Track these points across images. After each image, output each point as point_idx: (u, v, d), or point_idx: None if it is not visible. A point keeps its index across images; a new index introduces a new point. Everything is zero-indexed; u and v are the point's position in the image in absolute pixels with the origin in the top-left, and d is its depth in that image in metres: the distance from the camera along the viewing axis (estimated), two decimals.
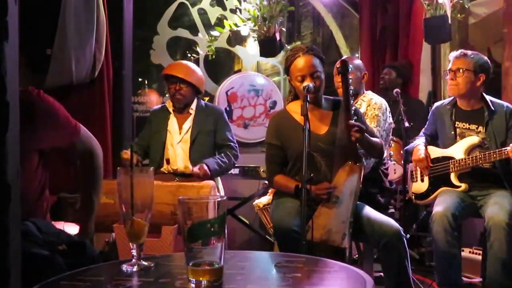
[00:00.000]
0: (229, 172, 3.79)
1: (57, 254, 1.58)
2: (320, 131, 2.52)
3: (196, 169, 3.14)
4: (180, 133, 3.36)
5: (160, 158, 3.33)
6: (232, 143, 3.39)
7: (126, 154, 3.09)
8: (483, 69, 2.92)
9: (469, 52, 2.98)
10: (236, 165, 3.50)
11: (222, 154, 3.31)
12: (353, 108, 2.44)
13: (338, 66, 2.48)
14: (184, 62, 3.56)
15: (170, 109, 3.43)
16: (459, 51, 3.02)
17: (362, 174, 2.43)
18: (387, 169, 3.37)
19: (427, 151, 3.07)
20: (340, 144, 2.44)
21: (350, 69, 2.44)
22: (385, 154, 3.27)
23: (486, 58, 2.99)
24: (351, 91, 2.43)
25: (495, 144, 2.84)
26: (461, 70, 2.90)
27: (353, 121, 2.34)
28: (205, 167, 3.14)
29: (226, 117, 3.52)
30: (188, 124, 3.37)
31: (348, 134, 2.33)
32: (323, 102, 2.59)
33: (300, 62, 2.46)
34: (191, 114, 3.39)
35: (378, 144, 2.56)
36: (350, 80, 2.43)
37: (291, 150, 2.53)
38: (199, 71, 3.46)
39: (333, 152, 2.46)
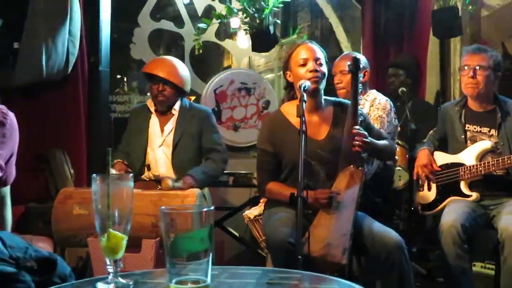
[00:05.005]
0: (217, 179, 3.78)
1: (24, 271, 1.57)
2: (318, 137, 2.53)
3: (178, 184, 3.10)
4: (161, 136, 3.35)
5: (141, 164, 3.31)
6: (219, 147, 3.39)
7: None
8: (500, 67, 2.95)
9: (485, 47, 3.00)
10: (225, 170, 3.49)
11: (209, 161, 3.31)
12: (359, 110, 2.46)
13: (349, 64, 2.50)
14: (168, 58, 3.54)
15: (152, 109, 3.42)
16: (476, 45, 3.04)
17: (364, 180, 2.44)
18: (393, 176, 3.38)
19: (433, 156, 3.09)
20: (345, 148, 2.45)
21: (361, 68, 2.47)
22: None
23: (499, 54, 3.02)
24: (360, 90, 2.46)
25: (509, 148, 2.86)
26: (482, 68, 2.89)
27: (358, 130, 2.36)
28: (190, 180, 3.13)
29: (213, 119, 3.51)
30: (170, 125, 3.36)
31: (351, 142, 2.35)
32: (323, 103, 2.60)
33: (304, 47, 2.53)
34: (174, 115, 3.38)
35: (387, 147, 2.60)
36: (361, 78, 2.45)
37: (286, 157, 2.53)
38: (184, 68, 3.45)
39: (333, 159, 2.48)
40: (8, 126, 1.81)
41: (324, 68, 2.51)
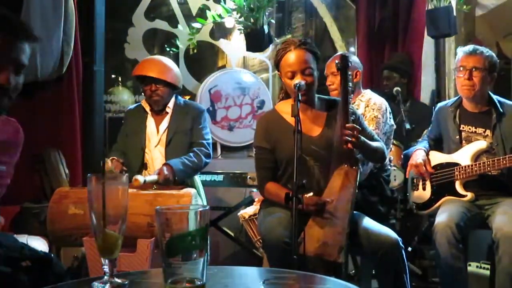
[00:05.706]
0: (212, 179, 3.77)
1: (20, 271, 1.57)
2: (313, 133, 2.54)
3: (152, 178, 3.04)
4: (157, 135, 3.36)
5: (139, 164, 3.31)
6: (205, 141, 3.36)
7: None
8: (495, 68, 2.95)
9: (480, 47, 3.00)
10: (206, 165, 3.44)
11: (191, 154, 3.27)
12: (350, 109, 2.46)
13: (337, 62, 2.50)
14: (156, 58, 3.55)
15: (147, 109, 3.43)
16: (471, 46, 3.02)
17: (358, 180, 2.44)
18: (388, 175, 3.39)
19: (427, 156, 3.10)
20: (337, 147, 2.45)
21: (350, 65, 2.47)
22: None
23: (494, 54, 3.02)
24: (350, 89, 2.46)
25: (503, 149, 2.87)
26: (478, 70, 2.89)
27: (349, 126, 2.35)
28: (166, 170, 3.08)
29: (206, 116, 3.51)
30: (164, 124, 3.37)
31: (343, 140, 2.35)
32: (317, 101, 2.61)
33: (291, 56, 2.48)
34: (168, 113, 3.39)
35: (378, 149, 2.58)
36: (350, 77, 2.45)
37: (281, 154, 2.54)
38: (173, 66, 3.46)
39: (327, 156, 2.48)
40: (20, 137, 1.83)
41: (313, 75, 2.48)
